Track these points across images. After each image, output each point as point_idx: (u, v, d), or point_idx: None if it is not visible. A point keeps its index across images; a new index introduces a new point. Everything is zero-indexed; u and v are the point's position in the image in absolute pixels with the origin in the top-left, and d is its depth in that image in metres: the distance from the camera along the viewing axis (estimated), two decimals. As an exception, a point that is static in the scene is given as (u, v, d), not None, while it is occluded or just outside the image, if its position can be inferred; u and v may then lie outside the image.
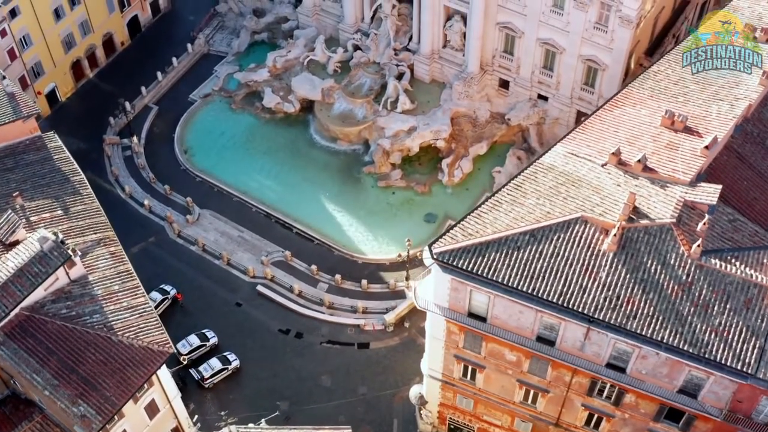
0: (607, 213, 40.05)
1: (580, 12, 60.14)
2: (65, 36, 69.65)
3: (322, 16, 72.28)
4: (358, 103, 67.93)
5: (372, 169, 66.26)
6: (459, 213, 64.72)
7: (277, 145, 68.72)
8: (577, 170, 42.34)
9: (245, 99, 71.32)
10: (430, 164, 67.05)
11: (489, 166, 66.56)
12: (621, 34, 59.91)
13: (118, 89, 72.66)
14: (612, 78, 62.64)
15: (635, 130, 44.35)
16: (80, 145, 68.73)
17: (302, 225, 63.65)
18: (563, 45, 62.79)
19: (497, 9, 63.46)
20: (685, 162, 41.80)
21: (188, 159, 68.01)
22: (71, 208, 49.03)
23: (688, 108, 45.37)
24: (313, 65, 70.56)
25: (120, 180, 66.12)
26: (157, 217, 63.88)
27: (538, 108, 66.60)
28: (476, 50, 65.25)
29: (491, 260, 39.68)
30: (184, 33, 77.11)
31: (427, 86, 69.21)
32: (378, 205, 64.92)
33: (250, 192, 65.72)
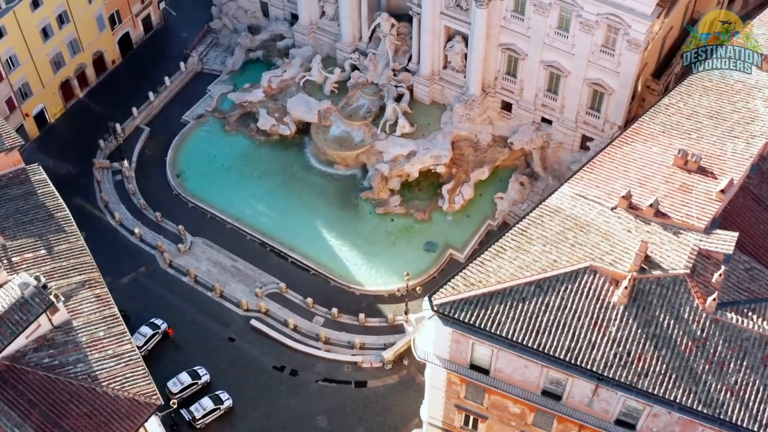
0: (618, 262, 37.98)
1: (586, 35, 57.95)
2: (54, 55, 67.42)
3: (318, 34, 70.10)
4: (355, 126, 65.79)
5: (370, 195, 64.09)
6: (460, 241, 63.21)
7: (273, 169, 66.59)
8: (585, 214, 40.23)
9: (239, 120, 69.15)
10: (430, 189, 64.93)
11: (491, 191, 64.42)
12: (628, 57, 57.75)
13: (109, 109, 70.48)
14: (618, 102, 60.53)
15: (646, 170, 42.21)
16: (69, 168, 66.92)
17: (298, 254, 61.60)
18: (568, 68, 60.62)
19: (500, 30, 61.28)
20: (699, 206, 39.65)
21: (180, 183, 65.88)
22: (55, 247, 46.84)
23: (702, 145, 43.26)
24: (309, 86, 68.31)
25: (110, 206, 63.99)
26: (148, 246, 61.82)
27: (541, 132, 64.45)
28: (478, 72, 63.08)
29: (495, 313, 37.58)
30: (177, 50, 74.86)
31: (427, 108, 67.05)
32: (376, 232, 62.86)
33: (244, 218, 63.67)
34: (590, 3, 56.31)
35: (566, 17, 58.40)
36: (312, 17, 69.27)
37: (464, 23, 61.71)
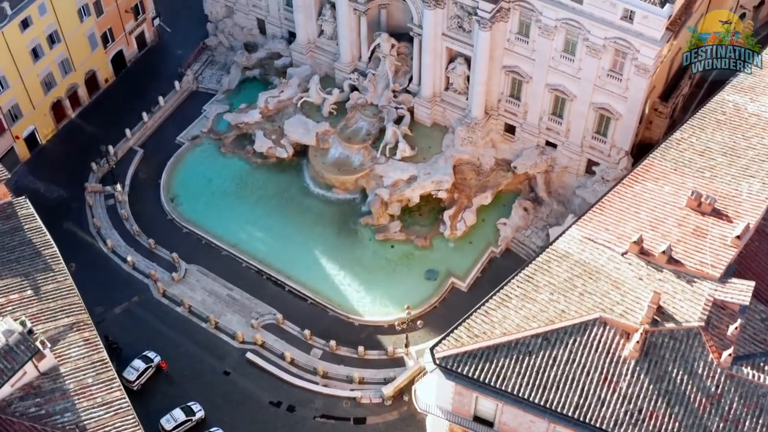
0: (629, 313, 36.29)
1: (592, 59, 56.11)
2: (44, 76, 65.54)
3: (317, 53, 68.23)
4: (354, 149, 63.99)
5: (369, 221, 62.29)
6: (462, 269, 61.50)
7: (269, 193, 64.76)
8: (594, 259, 38.54)
9: (235, 142, 67.30)
10: (431, 215, 63.13)
11: (494, 217, 62.62)
12: (637, 83, 55.97)
13: (101, 130, 68.67)
14: (626, 128, 58.74)
15: (658, 212, 40.48)
16: (61, 192, 65.14)
17: (295, 282, 59.86)
18: (574, 92, 58.83)
19: (503, 52, 59.51)
20: (714, 253, 37.94)
21: (175, 208, 64.07)
22: (42, 287, 45.13)
23: (716, 185, 41.57)
24: (307, 107, 66.46)
25: (102, 232, 62.24)
26: (141, 274, 60.04)
27: (546, 156, 62.60)
28: (480, 95, 61.22)
29: (500, 366, 35.87)
30: (172, 68, 73.04)
31: (428, 130, 65.22)
32: (376, 260, 61.07)
33: (240, 245, 61.92)
34: (597, 27, 54.57)
35: (572, 40, 56.59)
36: (310, 36, 67.45)
37: (467, 45, 59.87)
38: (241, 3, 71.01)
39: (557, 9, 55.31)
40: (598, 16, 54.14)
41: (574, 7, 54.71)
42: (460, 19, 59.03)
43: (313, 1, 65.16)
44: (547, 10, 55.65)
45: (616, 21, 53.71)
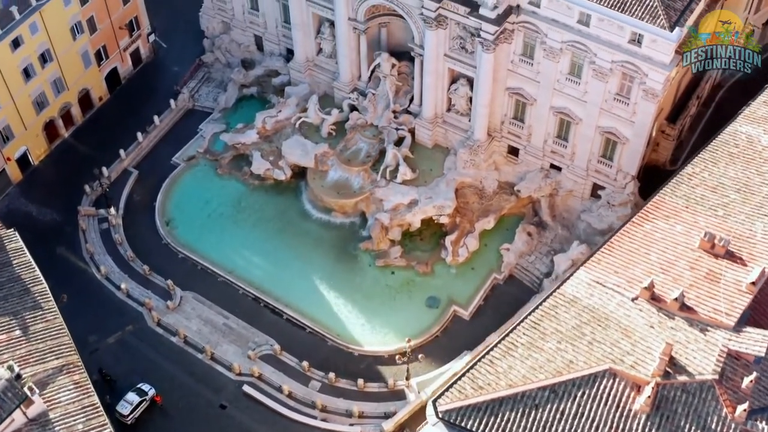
0: (640, 364, 34.91)
1: (599, 82, 54.57)
2: (36, 96, 63.87)
3: (315, 72, 66.54)
4: (354, 172, 62.36)
5: (369, 246, 60.73)
6: (464, 296, 59.86)
7: (267, 216, 63.17)
8: (604, 305, 37.14)
9: (232, 162, 65.67)
10: (432, 239, 61.54)
11: (497, 241, 61.02)
12: (644, 107, 54.39)
13: (95, 150, 67.15)
14: (633, 152, 57.11)
15: (669, 253, 39.10)
16: (54, 215, 63.57)
17: (293, 311, 58.28)
18: (579, 115, 57.26)
19: (507, 74, 57.97)
20: (728, 300, 36.52)
21: (170, 232, 62.49)
22: (31, 327, 43.67)
23: (729, 224, 40.12)
24: (305, 127, 64.80)
25: (96, 258, 60.68)
26: (136, 302, 58.45)
27: (550, 179, 61.03)
28: (483, 117, 59.62)
29: (505, 420, 34.47)
30: (168, 85, 71.34)
31: (429, 152, 63.57)
32: (376, 287, 59.50)
33: (237, 271, 60.32)
34: (604, 50, 53.07)
35: (578, 63, 54.97)
36: (308, 54, 65.81)
37: (469, 66, 58.27)
38: (238, 19, 69.38)
39: (563, 31, 53.68)
40: (605, 39, 52.58)
41: (581, 29, 53.14)
42: (463, 40, 57.40)
43: (311, 19, 63.51)
44: (553, 32, 54.06)
45: (624, 44, 52.13)
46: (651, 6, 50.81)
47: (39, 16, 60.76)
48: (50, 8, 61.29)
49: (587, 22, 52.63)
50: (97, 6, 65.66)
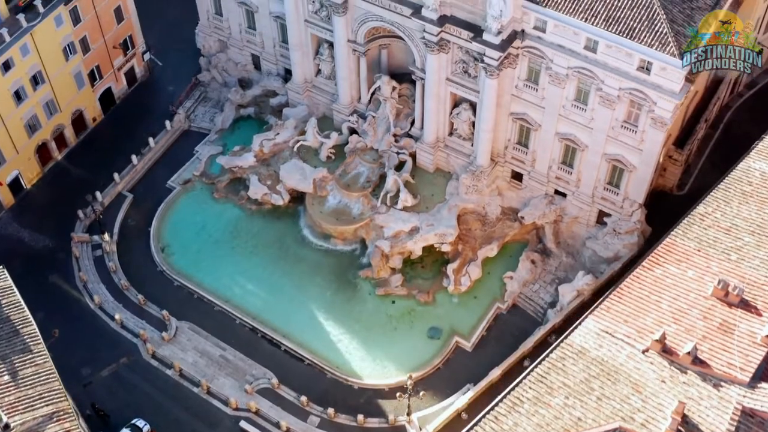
0: (651, 423, 33.50)
1: (606, 109, 53.13)
2: (28, 119, 62.24)
3: (314, 93, 64.92)
4: (353, 197, 60.82)
5: (369, 274, 59.21)
6: (466, 326, 58.31)
7: (264, 242, 61.68)
8: (613, 357, 35.73)
9: (229, 186, 64.08)
10: (434, 266, 60.00)
11: (500, 269, 59.47)
12: (652, 135, 52.87)
13: (89, 172, 65.66)
14: (640, 180, 55.58)
15: (681, 301, 37.65)
16: (46, 242, 62.03)
17: (291, 342, 56.82)
18: (585, 142, 55.73)
19: (511, 99, 56.51)
20: (742, 353, 35.13)
21: (165, 258, 60.97)
22: (20, 372, 42.12)
23: (743, 270, 38.61)
24: (304, 150, 63.26)
25: (89, 287, 59.16)
26: (130, 333, 57.01)
27: (555, 206, 59.50)
28: (486, 143, 58.08)
29: (511, 482, 33.44)
30: (163, 104, 69.69)
31: (430, 176, 62.04)
32: (376, 316, 58.02)
33: (234, 299, 58.86)
34: (612, 77, 51.62)
35: (585, 89, 53.41)
36: (307, 75, 64.21)
37: (472, 91, 56.73)
38: (234, 38, 67.76)
39: (569, 57, 52.19)
40: (612, 66, 51.04)
41: (587, 56, 51.58)
42: (466, 64, 55.82)
43: (309, 40, 61.92)
44: (558, 58, 52.49)
45: (632, 72, 50.59)
46: (660, 33, 49.33)
47: (30, 37, 59.18)
48: (41, 29, 59.70)
49: (594, 49, 51.09)
50: (90, 26, 64.12)
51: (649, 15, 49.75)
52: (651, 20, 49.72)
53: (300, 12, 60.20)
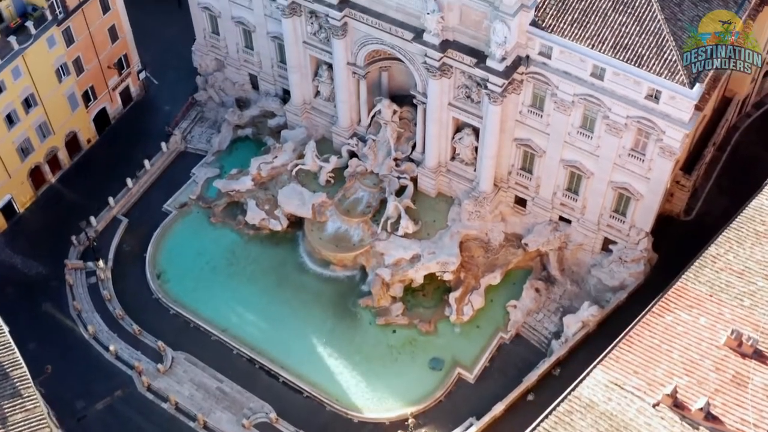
0: (662, 484, 32.53)
1: (613, 137, 51.77)
2: (21, 142, 60.83)
3: (313, 115, 63.46)
4: (353, 223, 59.38)
5: (369, 302, 57.83)
6: (469, 357, 56.88)
7: (262, 269, 60.31)
8: (623, 411, 34.44)
9: (226, 210, 62.62)
10: (435, 295, 58.61)
11: (503, 297, 58.07)
12: (661, 164, 51.41)
13: (83, 195, 64.23)
14: (647, 209, 54.15)
15: (693, 351, 36.33)
16: (39, 268, 60.62)
17: (290, 373, 55.48)
18: (591, 169, 54.29)
19: (515, 124, 55.16)
20: (756, 408, 33.82)
21: (161, 286, 59.57)
22: (9, 417, 40.66)
23: (757, 317, 37.21)
24: (302, 174, 61.80)
25: (83, 316, 57.76)
26: (125, 364, 55.64)
27: (560, 233, 58.11)
28: (489, 169, 56.61)
29: None
30: (159, 124, 68.17)
31: (432, 201, 60.58)
32: (376, 347, 56.71)
33: (231, 329, 57.51)
34: (619, 105, 50.22)
35: (591, 117, 51.98)
36: (305, 97, 62.70)
37: (475, 116, 55.32)
38: (232, 57, 66.26)
39: (575, 84, 50.85)
40: (620, 93, 49.56)
41: (594, 83, 50.11)
42: (468, 89, 54.37)
43: (308, 62, 60.42)
44: (564, 85, 51.01)
45: (640, 100, 49.15)
46: (670, 60, 47.91)
47: (22, 60, 57.70)
48: (33, 51, 58.23)
49: (601, 76, 49.59)
50: (84, 46, 62.68)
51: (658, 42, 48.44)
52: (660, 47, 48.32)
53: (298, 33, 58.80)
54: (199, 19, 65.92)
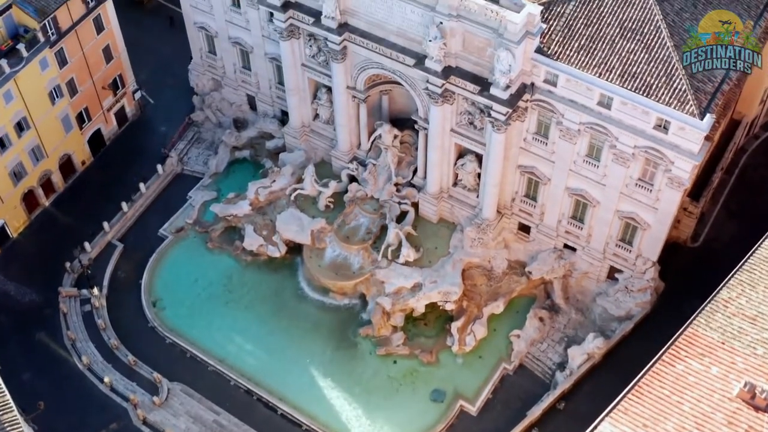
0: None
1: (619, 166, 50.44)
2: (13, 167, 59.51)
3: (312, 137, 62.06)
4: (353, 250, 58.07)
5: (369, 332, 56.58)
6: (471, 389, 55.60)
7: (260, 297, 59.04)
8: (631, 470, 33.40)
9: (223, 236, 61.33)
10: (437, 323, 57.35)
11: (506, 326, 56.88)
12: (669, 195, 50.10)
13: (77, 219, 62.98)
14: (654, 239, 52.87)
15: (705, 403, 34.74)
16: (33, 296, 59.36)
17: (288, 405, 54.26)
18: (597, 198, 52.95)
19: (519, 151, 53.84)
20: (772, 467, 32.93)
21: (157, 313, 58.35)
22: (-2, 464, 40.45)
23: (770, 366, 36.24)
24: (301, 198, 60.47)
25: (77, 346, 56.57)
26: (120, 396, 54.42)
27: (564, 261, 56.85)
28: (493, 197, 55.23)
29: None
30: (155, 145, 66.82)
31: (434, 227, 59.22)
32: (377, 378, 55.46)
33: (228, 359, 56.32)
34: (627, 134, 48.88)
35: (597, 145, 50.66)
36: (304, 119, 61.30)
37: (478, 143, 54.01)
38: (229, 77, 64.83)
39: (581, 113, 49.52)
40: (627, 123, 48.18)
41: (601, 112, 48.76)
42: (471, 115, 52.93)
43: (307, 84, 58.99)
44: (570, 113, 49.68)
45: (648, 130, 47.82)
46: (679, 90, 46.54)
47: (13, 83, 56.31)
48: (26, 74, 56.87)
49: (609, 105, 48.21)
50: (78, 67, 61.28)
51: (668, 70, 47.05)
52: (669, 76, 46.95)
53: (297, 56, 57.36)
54: (196, 38, 64.47)
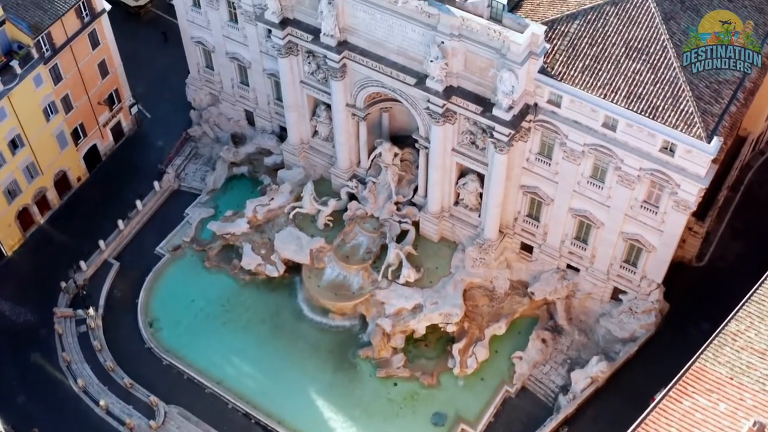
0: None
1: (624, 188, 49.54)
2: (7, 185, 58.47)
3: (311, 154, 61.03)
4: (353, 270, 57.09)
5: (369, 354, 55.64)
6: (473, 412, 54.69)
7: (259, 317, 58.08)
8: None
9: (221, 254, 60.38)
10: (438, 345, 56.43)
11: (508, 347, 55.96)
12: (674, 218, 49.17)
13: (73, 237, 62.01)
14: (659, 261, 51.97)
15: (713, 443, 34.49)
16: (28, 316, 58.40)
17: (287, 429, 53.38)
18: (601, 219, 52.01)
19: (521, 171, 52.89)
20: None
21: (153, 334, 57.39)
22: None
23: (780, 405, 35.42)
24: (300, 217, 59.48)
25: (73, 368, 55.54)
26: (116, 420, 53.42)
27: (567, 281, 55.96)
28: (495, 217, 54.28)
29: None
30: (151, 161, 65.67)
31: (435, 246, 58.28)
32: (377, 401, 54.56)
33: (226, 381, 55.39)
34: (632, 157, 47.90)
35: (602, 167, 49.73)
36: (303, 136, 60.29)
37: (480, 163, 53.01)
38: (227, 92, 63.75)
39: (585, 134, 48.59)
40: (633, 145, 47.22)
41: (606, 133, 47.81)
42: (473, 135, 51.94)
43: (306, 101, 58.02)
44: (574, 134, 48.73)
45: (654, 152, 46.88)
46: (686, 112, 45.65)
47: (7, 101, 55.31)
48: (20, 92, 55.83)
49: (614, 127, 47.26)
50: (73, 83, 60.26)
51: (674, 92, 46.10)
52: (676, 98, 46.00)
53: (295, 73, 56.33)
54: (193, 53, 63.41)
